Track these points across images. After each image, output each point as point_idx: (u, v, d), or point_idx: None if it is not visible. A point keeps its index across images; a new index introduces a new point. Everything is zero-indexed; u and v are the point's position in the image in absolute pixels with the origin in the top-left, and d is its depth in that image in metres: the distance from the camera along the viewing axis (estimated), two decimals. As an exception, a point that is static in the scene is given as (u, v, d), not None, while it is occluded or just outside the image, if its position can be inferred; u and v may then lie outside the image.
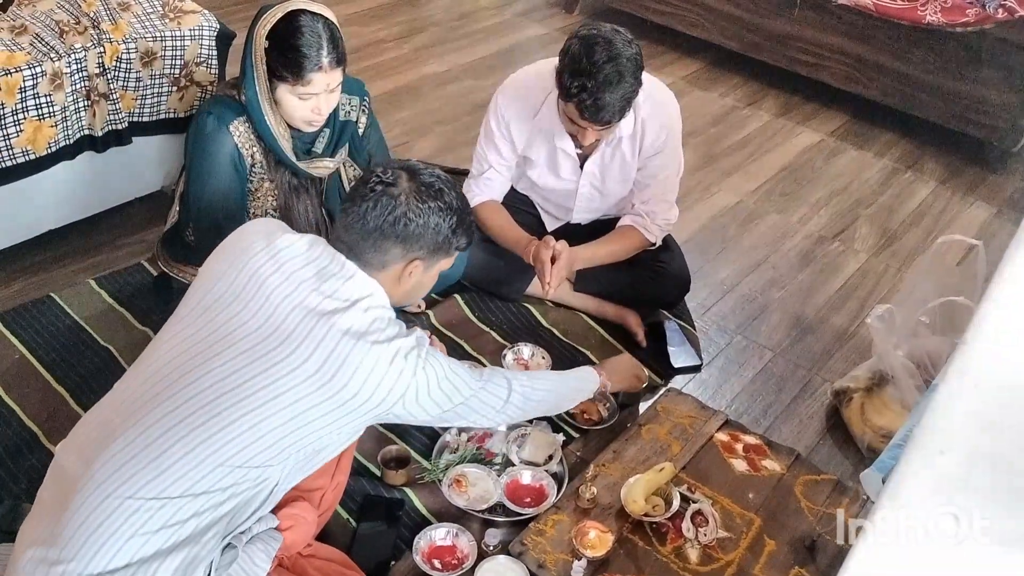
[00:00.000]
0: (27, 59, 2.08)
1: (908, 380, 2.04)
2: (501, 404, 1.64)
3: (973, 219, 3.18)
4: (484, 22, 4.29)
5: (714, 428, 2.08)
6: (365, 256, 1.44)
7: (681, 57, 4.10)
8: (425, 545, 1.75)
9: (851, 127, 3.70)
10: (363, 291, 1.41)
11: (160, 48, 2.30)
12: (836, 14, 3.54)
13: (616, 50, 1.94)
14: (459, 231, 1.50)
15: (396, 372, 1.39)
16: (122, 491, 1.26)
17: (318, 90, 1.81)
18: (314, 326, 1.35)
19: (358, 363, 1.35)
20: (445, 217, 1.46)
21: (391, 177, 1.45)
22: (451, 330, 2.33)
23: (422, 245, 1.46)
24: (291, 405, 1.33)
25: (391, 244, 1.44)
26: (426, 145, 3.19)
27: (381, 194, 1.43)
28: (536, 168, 2.33)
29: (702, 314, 2.54)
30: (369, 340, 1.37)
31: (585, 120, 1.99)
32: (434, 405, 1.49)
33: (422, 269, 1.50)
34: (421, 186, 1.45)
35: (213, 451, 1.29)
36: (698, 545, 1.80)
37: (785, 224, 3.02)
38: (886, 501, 0.89)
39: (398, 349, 1.39)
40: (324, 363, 1.34)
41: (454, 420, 1.62)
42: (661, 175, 2.26)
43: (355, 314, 1.38)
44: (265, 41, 1.77)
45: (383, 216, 1.42)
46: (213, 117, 1.86)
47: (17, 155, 2.14)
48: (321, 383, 1.34)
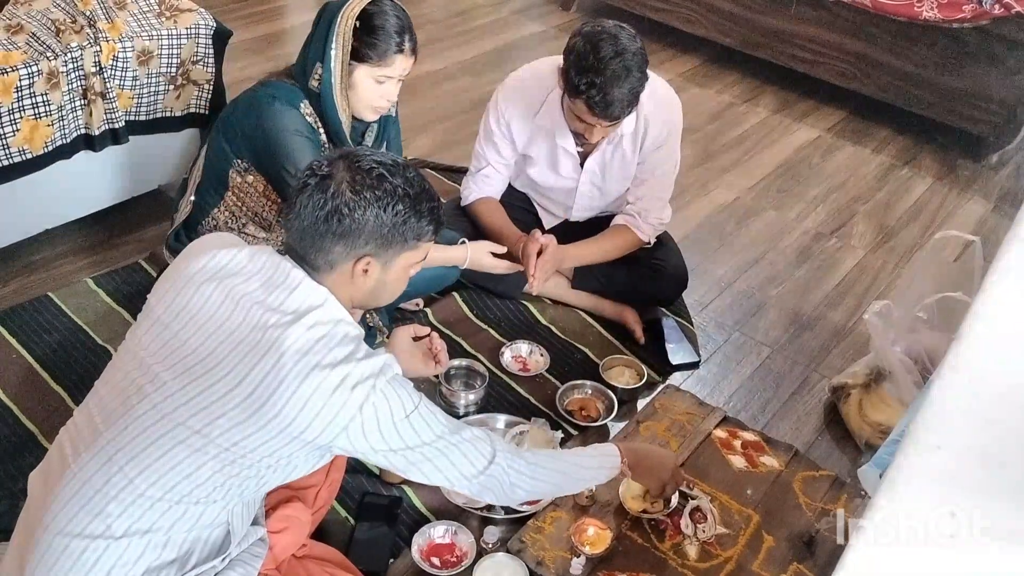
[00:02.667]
0: (23, 58, 2.08)
1: (906, 376, 2.04)
2: (474, 471, 1.39)
3: (970, 215, 3.18)
4: (481, 19, 4.29)
5: (712, 425, 2.08)
6: (309, 258, 1.31)
7: (678, 54, 4.10)
8: (424, 543, 1.75)
9: (848, 123, 3.70)
10: (309, 302, 1.27)
11: (157, 47, 2.30)
12: (833, 11, 3.54)
13: (622, 45, 1.94)
14: (412, 220, 1.32)
15: (338, 403, 1.22)
16: (70, 528, 1.21)
17: (395, 74, 1.88)
18: (253, 346, 1.23)
19: (294, 389, 1.20)
20: (387, 207, 1.29)
21: (326, 168, 1.30)
22: (449, 328, 2.33)
23: (366, 240, 1.30)
24: (225, 433, 1.21)
25: (330, 242, 1.29)
26: (424, 143, 3.19)
27: (314, 188, 1.29)
28: (536, 166, 2.33)
29: (700, 311, 2.55)
30: (311, 363, 1.21)
31: (595, 116, 1.99)
32: (383, 443, 1.28)
33: (378, 267, 1.34)
34: (357, 174, 1.29)
35: (150, 484, 1.21)
36: (697, 542, 1.80)
37: (782, 221, 3.03)
38: (882, 497, 0.89)
39: (344, 377, 1.23)
40: (258, 387, 1.21)
41: (415, 471, 1.35)
42: (659, 171, 2.26)
43: (297, 331, 1.23)
44: (356, 21, 1.82)
45: (315, 212, 1.28)
46: (279, 101, 1.88)
47: (14, 154, 2.14)
48: (253, 409, 1.21)
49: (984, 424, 0.84)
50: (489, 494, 1.44)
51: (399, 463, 1.32)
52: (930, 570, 0.88)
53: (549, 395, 2.16)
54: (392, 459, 1.31)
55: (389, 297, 1.43)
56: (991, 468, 0.88)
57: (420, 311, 2.35)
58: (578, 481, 1.63)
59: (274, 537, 1.46)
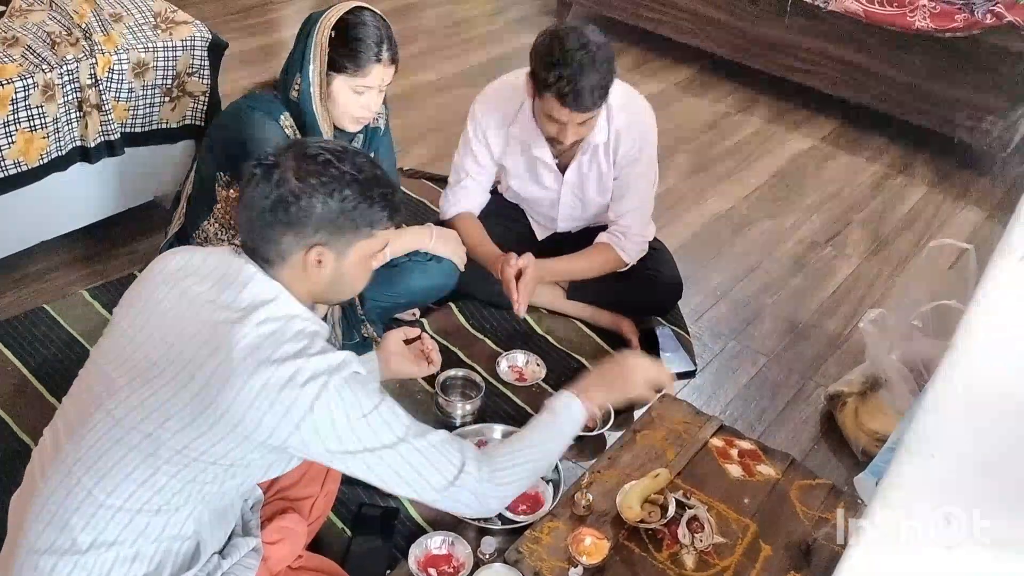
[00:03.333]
0: (19, 70, 2.08)
1: (902, 384, 2.05)
2: (442, 483, 1.32)
3: (964, 223, 3.19)
4: (477, 30, 4.31)
5: (709, 434, 2.08)
6: (261, 251, 1.28)
7: (673, 64, 4.12)
8: (421, 554, 1.75)
9: (842, 132, 3.71)
10: (261, 297, 1.24)
11: (152, 59, 2.30)
12: (827, 20, 3.56)
13: (586, 37, 1.95)
14: (361, 206, 1.27)
15: (287, 400, 1.18)
16: (39, 545, 1.21)
17: (373, 84, 1.86)
18: (201, 344, 1.20)
19: (240, 386, 1.17)
20: (333, 192, 1.25)
21: (273, 158, 1.28)
22: (446, 338, 2.33)
23: (315, 228, 1.26)
24: (176, 435, 1.19)
25: (279, 232, 1.26)
26: (419, 153, 3.19)
27: (261, 178, 1.26)
28: (516, 178, 2.34)
29: (695, 320, 2.55)
30: (258, 359, 1.18)
31: (566, 109, 1.98)
32: (339, 445, 1.23)
33: (332, 256, 1.29)
34: (303, 162, 1.26)
35: (108, 493, 1.19)
36: (694, 551, 1.80)
37: (777, 230, 3.04)
38: (877, 505, 0.89)
39: (294, 372, 1.19)
40: (205, 386, 1.18)
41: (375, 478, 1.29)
42: (635, 186, 2.26)
43: (246, 327, 1.20)
44: (331, 31, 1.81)
45: (262, 202, 1.25)
46: (260, 113, 1.87)
47: (9, 167, 2.14)
48: (201, 408, 1.18)
49: (978, 432, 0.84)
50: (461, 508, 1.38)
51: (358, 468, 1.27)
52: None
53: (546, 405, 2.16)
54: (350, 463, 1.26)
55: (351, 290, 1.40)
56: (986, 476, 0.88)
57: (416, 321, 2.35)
58: (552, 455, 1.53)
59: (269, 548, 1.45)
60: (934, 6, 3.27)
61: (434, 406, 2.13)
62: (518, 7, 4.61)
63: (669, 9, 3.98)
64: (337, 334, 2.12)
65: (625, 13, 4.13)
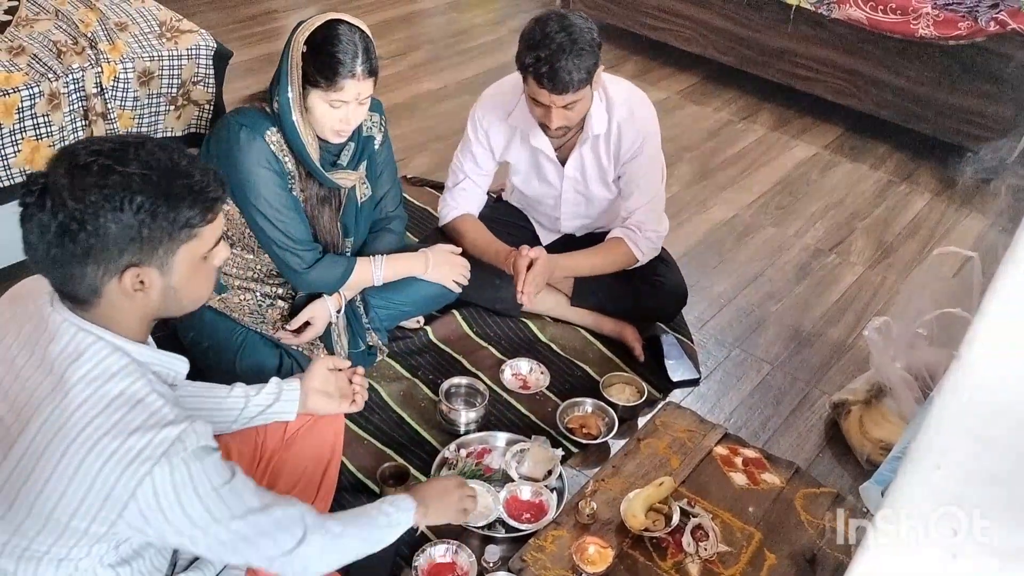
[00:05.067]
0: (25, 79, 2.10)
1: (906, 392, 2.04)
2: (293, 543, 1.23)
3: (968, 230, 3.19)
4: (479, 39, 4.32)
5: (713, 442, 2.08)
6: (69, 292, 1.10)
7: (676, 72, 4.12)
8: (424, 562, 1.74)
9: (846, 140, 3.71)
10: (70, 353, 1.07)
11: (157, 68, 2.31)
12: (830, 28, 3.57)
13: (569, 21, 1.96)
14: (162, 209, 1.07)
15: (109, 480, 1.03)
16: None
17: (349, 98, 1.83)
18: (17, 414, 1.07)
19: (54, 465, 1.03)
20: (124, 202, 1.04)
21: (42, 179, 1.06)
22: (449, 346, 2.33)
23: (120, 250, 1.06)
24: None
25: (78, 267, 1.06)
26: (422, 161, 3.20)
27: (34, 207, 1.05)
28: (519, 174, 2.34)
29: (700, 328, 2.55)
30: (72, 433, 1.03)
31: (544, 91, 1.98)
32: (172, 529, 1.09)
33: (155, 274, 1.11)
34: (76, 176, 1.04)
35: None
36: (699, 560, 1.79)
37: (781, 237, 3.03)
38: (883, 516, 0.89)
39: (114, 450, 1.03)
40: (18, 464, 1.04)
41: (221, 553, 1.18)
42: (643, 181, 2.25)
43: (58, 393, 1.05)
44: (303, 46, 1.80)
45: (44, 237, 1.05)
46: (246, 129, 1.86)
47: (15, 175, 2.15)
48: (16, 491, 1.04)
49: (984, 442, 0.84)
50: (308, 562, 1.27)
51: (211, 542, 1.14)
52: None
53: (550, 413, 2.16)
54: (201, 540, 1.13)
55: (194, 301, 1.20)
56: (992, 486, 0.88)
57: (420, 329, 2.35)
58: (375, 544, 1.45)
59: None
60: (938, 14, 3.27)
61: (437, 414, 2.13)
62: (521, 16, 4.62)
63: (672, 17, 3.99)
64: (343, 344, 2.12)
65: (628, 21, 4.14)
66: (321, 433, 1.67)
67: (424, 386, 2.20)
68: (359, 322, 2.15)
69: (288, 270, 1.97)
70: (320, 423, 1.66)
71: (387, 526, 1.46)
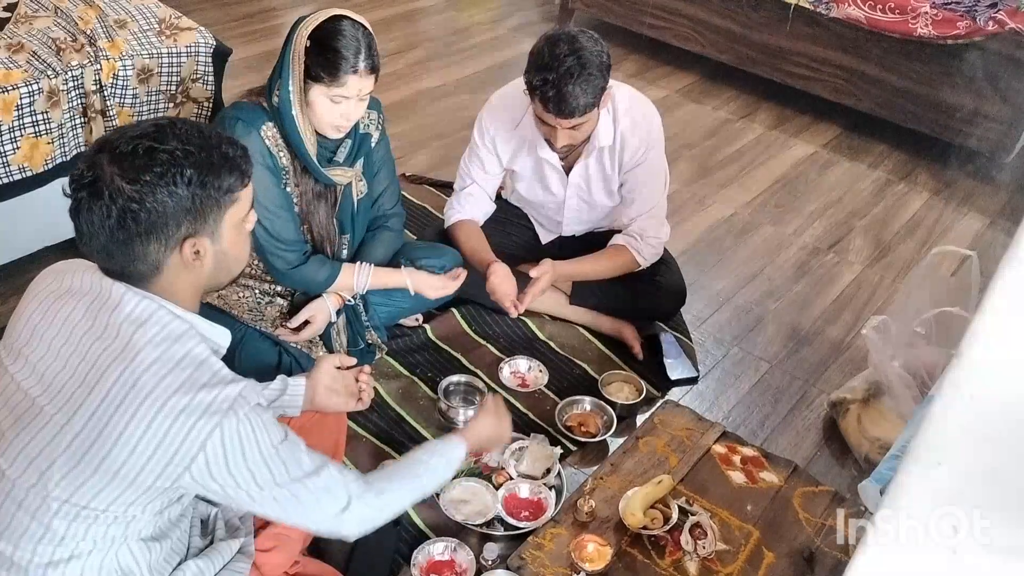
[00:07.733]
0: (24, 76, 2.09)
1: (904, 391, 2.05)
2: (338, 510, 1.28)
3: (966, 230, 3.19)
4: (478, 37, 4.32)
5: (711, 440, 2.08)
6: (128, 271, 1.17)
7: (675, 71, 4.12)
8: (423, 560, 1.75)
9: (844, 139, 3.72)
10: (136, 318, 1.14)
11: (157, 65, 2.31)
12: (828, 27, 3.57)
13: (579, 44, 1.95)
14: (210, 179, 1.16)
15: (180, 434, 1.10)
16: None
17: (350, 94, 1.83)
18: (80, 383, 1.12)
19: (126, 423, 1.09)
20: (177, 178, 1.13)
21: (90, 172, 1.13)
22: (448, 344, 2.33)
23: (178, 222, 1.15)
24: (59, 485, 1.11)
25: (140, 246, 1.15)
26: (421, 159, 3.20)
27: (89, 199, 1.13)
28: (523, 181, 2.34)
29: (698, 326, 2.55)
30: (143, 391, 1.09)
31: (550, 114, 1.98)
32: (232, 482, 1.16)
33: (208, 242, 1.20)
34: (124, 161, 1.12)
35: (12, 549, 1.14)
36: (697, 558, 1.80)
37: (780, 236, 3.04)
38: (882, 515, 0.89)
39: (185, 406, 1.10)
40: (86, 424, 1.10)
41: (272, 510, 1.24)
42: (645, 189, 2.26)
43: (127, 356, 1.11)
44: (307, 41, 1.80)
45: (105, 223, 1.13)
46: (242, 123, 1.85)
47: (14, 172, 2.14)
48: (84, 450, 1.10)
49: (985, 440, 0.84)
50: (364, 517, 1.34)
51: (260, 505, 1.21)
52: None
53: (548, 411, 2.16)
54: (250, 498, 1.19)
55: (238, 265, 1.30)
56: (993, 484, 0.88)
57: (419, 327, 2.35)
58: (430, 486, 1.50)
59: (263, 556, 1.44)
60: (936, 13, 3.28)
61: (436, 412, 2.13)
62: (520, 14, 4.63)
63: (671, 16, 4.00)
64: (342, 341, 2.12)
65: (627, 20, 4.14)
66: (324, 430, 1.67)
67: (423, 384, 2.21)
68: (358, 320, 2.15)
69: (271, 267, 1.98)
70: (323, 421, 1.66)
71: (442, 461, 1.51)
